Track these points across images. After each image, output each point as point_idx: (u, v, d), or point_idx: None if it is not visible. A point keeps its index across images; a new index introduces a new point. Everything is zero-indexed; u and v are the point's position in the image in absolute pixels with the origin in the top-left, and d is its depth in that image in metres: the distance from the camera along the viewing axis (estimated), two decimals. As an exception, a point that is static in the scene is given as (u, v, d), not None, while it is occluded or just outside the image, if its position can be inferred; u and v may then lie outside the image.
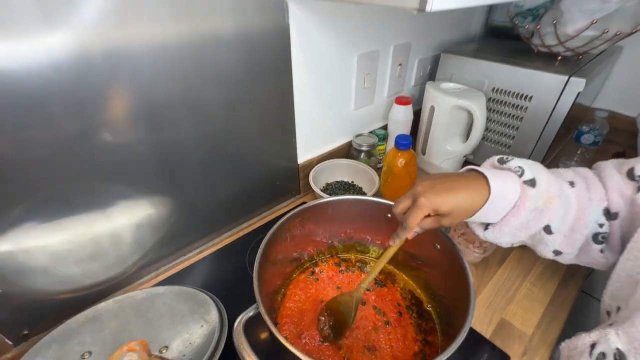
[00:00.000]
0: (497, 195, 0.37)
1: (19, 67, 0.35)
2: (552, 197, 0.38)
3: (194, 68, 0.48)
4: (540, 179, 0.38)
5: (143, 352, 0.28)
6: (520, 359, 0.47)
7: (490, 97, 0.78)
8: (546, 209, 0.38)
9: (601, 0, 0.62)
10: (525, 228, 0.39)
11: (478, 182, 0.38)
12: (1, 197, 0.39)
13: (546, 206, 0.38)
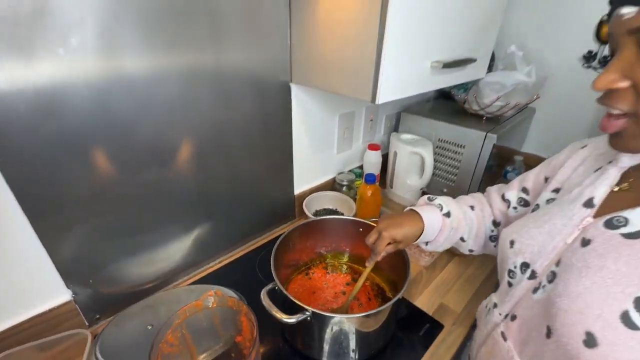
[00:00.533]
0: (429, 225, 0.60)
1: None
2: (460, 219, 0.62)
3: (226, 123, 0.71)
4: (452, 211, 0.62)
5: (217, 296, 0.47)
6: (451, 326, 0.69)
7: (437, 145, 1.05)
8: (459, 227, 0.62)
9: (501, 84, 0.92)
10: (449, 241, 0.63)
11: (417, 218, 0.60)
12: (118, 229, 0.61)
13: (458, 226, 0.62)
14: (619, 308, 0.34)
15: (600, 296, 0.36)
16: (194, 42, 0.59)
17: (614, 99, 0.36)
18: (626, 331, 0.33)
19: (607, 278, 0.36)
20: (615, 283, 0.35)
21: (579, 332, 0.36)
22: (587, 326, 0.35)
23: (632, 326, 0.32)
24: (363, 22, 0.57)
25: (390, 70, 0.60)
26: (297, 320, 0.52)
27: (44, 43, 0.45)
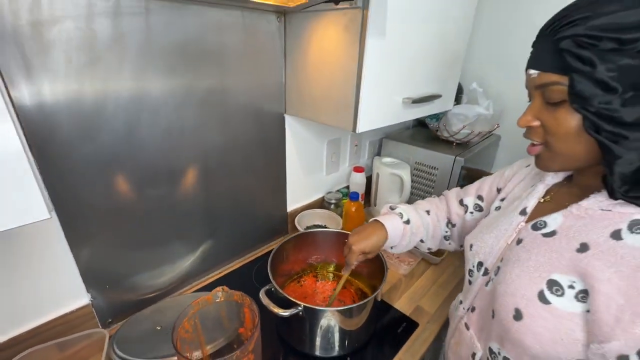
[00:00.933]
0: (392, 233, 0.69)
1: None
2: (419, 225, 0.72)
3: (229, 147, 0.83)
4: (411, 218, 0.72)
5: (225, 292, 0.56)
6: (425, 324, 0.78)
7: (414, 167, 1.19)
8: (417, 232, 0.72)
9: (465, 115, 1.08)
10: (411, 244, 0.73)
11: (380, 228, 0.70)
12: (134, 241, 0.70)
13: (417, 231, 0.72)
14: (537, 288, 0.45)
15: (525, 281, 0.46)
16: (205, 78, 0.72)
17: (531, 133, 0.48)
18: (541, 305, 0.44)
19: (531, 267, 0.47)
20: (536, 270, 0.46)
21: (510, 309, 0.47)
22: (515, 304, 0.46)
23: (545, 301, 0.43)
24: (344, 66, 0.71)
25: (367, 105, 0.73)
26: (290, 313, 0.61)
27: (93, 72, 0.57)
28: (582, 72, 0.37)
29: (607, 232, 0.41)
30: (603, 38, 0.36)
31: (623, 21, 0.35)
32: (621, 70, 0.35)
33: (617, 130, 0.37)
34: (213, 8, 0.68)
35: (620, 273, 0.38)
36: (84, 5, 0.52)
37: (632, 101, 0.36)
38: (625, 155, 0.38)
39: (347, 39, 0.69)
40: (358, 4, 0.65)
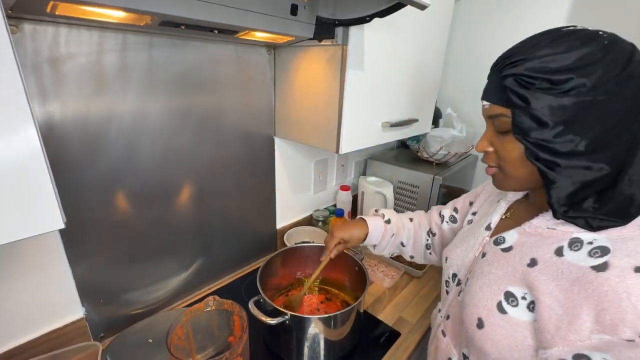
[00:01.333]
0: (372, 229, 0.75)
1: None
2: (400, 227, 0.78)
3: (222, 167, 0.89)
4: (392, 219, 0.78)
5: (216, 301, 0.60)
6: (407, 334, 0.82)
7: (397, 186, 1.26)
8: (398, 234, 0.78)
9: (442, 137, 1.17)
10: (392, 245, 0.78)
11: (362, 223, 0.77)
12: (129, 257, 0.74)
13: (398, 232, 0.78)
14: (496, 299, 0.49)
15: (487, 292, 0.51)
16: (201, 105, 0.79)
17: (486, 157, 0.52)
18: (499, 315, 0.48)
19: (492, 279, 0.51)
20: (495, 282, 0.50)
21: (474, 318, 0.51)
22: (478, 314, 0.51)
23: (503, 311, 0.48)
24: (327, 95, 0.79)
25: (349, 129, 0.81)
26: (277, 322, 0.65)
27: (99, 100, 0.63)
28: (520, 107, 0.42)
29: (552, 249, 0.45)
30: (538, 78, 0.40)
31: (553, 65, 0.39)
32: (551, 108, 0.40)
33: (552, 159, 0.41)
34: (209, 43, 0.76)
35: (560, 286, 0.42)
36: (96, 43, 0.59)
37: (562, 134, 0.40)
38: (560, 181, 0.42)
39: (330, 71, 0.77)
40: (338, 42, 0.74)
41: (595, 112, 0.39)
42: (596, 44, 0.39)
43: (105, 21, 0.54)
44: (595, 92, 0.38)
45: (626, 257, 0.38)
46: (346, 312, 0.69)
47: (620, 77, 0.38)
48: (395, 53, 0.87)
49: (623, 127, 0.40)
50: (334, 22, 0.70)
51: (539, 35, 0.43)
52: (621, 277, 0.37)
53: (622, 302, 0.35)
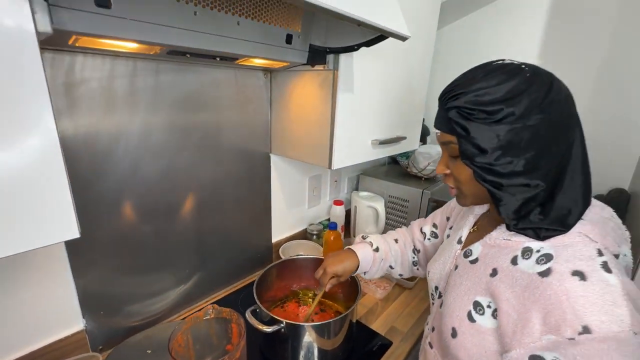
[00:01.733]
0: (362, 260, 0.78)
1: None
2: (387, 252, 0.81)
3: (221, 183, 0.93)
4: (380, 246, 0.81)
5: (215, 309, 0.62)
6: (399, 342, 0.85)
7: (388, 200, 1.31)
8: (386, 259, 0.81)
9: (429, 153, 1.23)
10: (381, 270, 0.81)
11: (352, 255, 0.79)
12: (130, 270, 0.77)
13: (386, 257, 0.81)
14: (466, 309, 0.53)
15: (458, 303, 0.55)
16: (202, 124, 0.84)
17: (445, 179, 0.57)
18: (469, 324, 0.51)
19: (463, 290, 0.55)
20: (466, 293, 0.54)
21: (449, 328, 0.55)
22: (452, 323, 0.54)
23: (472, 320, 0.51)
24: (320, 115, 0.85)
25: (340, 146, 0.87)
26: (273, 329, 0.68)
27: (109, 121, 0.68)
28: (463, 136, 0.47)
29: (509, 259, 0.49)
30: (475, 110, 0.45)
31: (486, 98, 0.44)
32: (488, 136, 0.44)
33: (496, 180, 0.46)
34: (211, 68, 0.82)
35: (515, 293, 0.45)
36: (108, 69, 0.65)
37: (501, 158, 0.45)
38: (505, 199, 0.46)
39: (322, 94, 0.83)
40: (330, 67, 0.80)
41: (525, 136, 0.44)
42: (520, 77, 0.44)
43: (118, 51, 0.60)
44: (523, 119, 0.44)
45: (565, 262, 0.42)
46: (339, 320, 0.72)
47: (543, 105, 0.44)
48: (382, 76, 0.94)
49: (551, 146, 0.45)
50: (325, 50, 0.77)
51: (475, 69, 0.49)
52: (561, 281, 0.41)
53: (562, 304, 0.39)
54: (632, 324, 0.36)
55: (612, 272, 0.40)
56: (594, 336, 0.36)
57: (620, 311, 0.37)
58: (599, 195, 1.18)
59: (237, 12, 0.61)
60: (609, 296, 0.38)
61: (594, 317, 0.37)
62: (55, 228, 0.42)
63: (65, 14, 0.42)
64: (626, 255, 0.48)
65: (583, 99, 1.24)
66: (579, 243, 0.43)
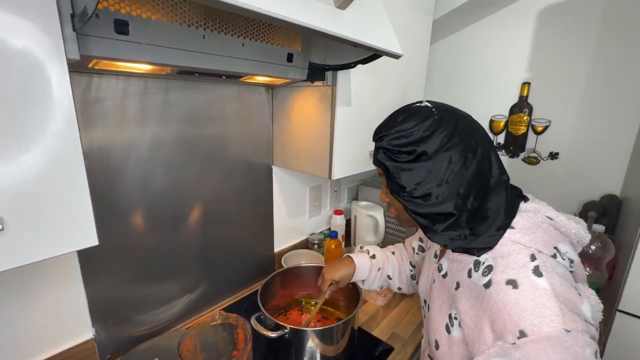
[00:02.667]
0: (359, 266, 0.81)
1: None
2: (384, 261, 0.84)
3: (225, 194, 0.97)
4: (376, 254, 0.84)
5: (221, 315, 0.65)
6: (400, 348, 0.87)
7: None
8: (384, 268, 0.83)
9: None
10: (380, 279, 0.83)
11: (350, 261, 0.82)
12: (138, 280, 0.80)
13: (383, 266, 0.83)
14: (444, 322, 0.56)
15: (438, 316, 0.58)
16: (208, 138, 0.89)
17: (388, 207, 0.61)
18: (447, 336, 0.54)
19: (439, 304, 0.58)
20: (442, 307, 0.57)
21: (432, 340, 0.58)
22: (435, 336, 0.58)
23: (449, 332, 0.54)
24: (319, 128, 0.90)
25: (340, 157, 0.91)
26: (277, 335, 0.70)
27: (121, 135, 0.72)
28: (387, 174, 0.53)
29: (466, 272, 0.51)
30: (395, 151, 0.51)
31: (403, 141, 0.50)
32: (403, 175, 0.50)
33: (418, 210, 0.50)
34: (216, 85, 0.87)
35: (470, 304, 0.49)
36: (122, 89, 0.69)
37: (417, 192, 0.50)
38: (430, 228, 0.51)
39: (321, 108, 0.88)
40: (329, 83, 0.85)
41: (439, 171, 0.49)
42: (430, 119, 0.50)
43: (132, 72, 0.64)
44: (435, 156, 0.49)
45: (501, 273, 0.46)
46: (341, 325, 0.74)
47: (451, 142, 0.49)
48: (379, 90, 0.99)
49: (464, 176, 0.49)
50: (324, 67, 0.82)
51: (398, 112, 0.55)
52: (498, 291, 0.44)
53: (501, 312, 0.43)
54: (563, 322, 0.39)
55: (542, 276, 0.43)
56: (530, 338, 0.40)
57: (550, 312, 0.40)
58: (591, 202, 1.22)
59: (242, 34, 0.66)
60: (540, 299, 0.41)
61: (527, 321, 0.41)
62: (76, 236, 0.46)
63: (89, 41, 0.47)
64: (567, 252, 0.50)
65: (572, 108, 1.30)
66: (514, 252, 0.47)
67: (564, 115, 1.31)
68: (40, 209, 0.41)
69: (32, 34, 0.37)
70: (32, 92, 0.38)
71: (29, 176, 0.39)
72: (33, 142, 0.39)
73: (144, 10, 0.52)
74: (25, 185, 0.39)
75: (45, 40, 0.37)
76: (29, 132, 0.38)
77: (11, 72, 0.36)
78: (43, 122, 0.39)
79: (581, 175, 1.29)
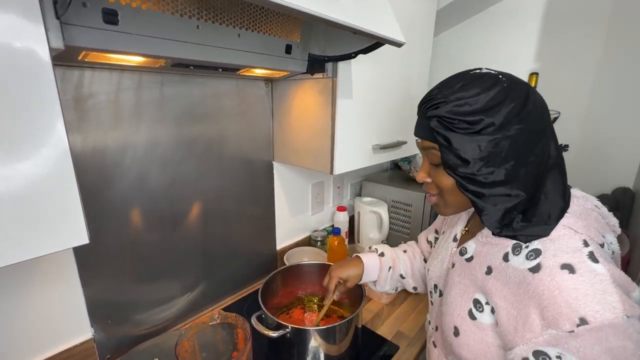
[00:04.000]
0: (367, 265, 0.78)
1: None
2: (395, 259, 0.81)
3: (225, 192, 0.95)
4: (385, 252, 0.81)
5: (220, 314, 0.63)
6: (406, 347, 0.84)
7: (391, 205, 1.31)
8: (395, 266, 0.81)
9: (430, 157, 1.24)
10: (392, 279, 0.80)
11: (358, 261, 0.79)
12: (137, 280, 0.78)
13: (394, 265, 0.81)
14: (467, 307, 0.53)
15: (459, 301, 0.55)
16: (206, 134, 0.87)
17: (427, 187, 0.56)
18: (471, 322, 0.52)
19: (461, 289, 0.55)
20: (465, 292, 0.54)
21: (450, 327, 0.55)
22: (454, 322, 0.54)
23: (473, 318, 0.51)
24: (320, 121, 0.87)
25: (341, 152, 0.88)
26: (279, 334, 0.68)
27: (115, 132, 0.70)
28: (445, 146, 0.47)
29: (501, 256, 0.49)
30: (456, 120, 0.45)
31: (466, 109, 0.44)
32: (469, 147, 0.45)
33: (478, 190, 0.46)
34: (213, 79, 0.85)
35: (510, 290, 0.46)
36: (115, 83, 0.67)
37: (482, 168, 0.45)
38: (487, 209, 0.47)
39: (322, 101, 0.85)
40: (329, 75, 0.83)
41: (505, 147, 0.44)
42: (498, 87, 0.45)
43: (125, 65, 0.62)
44: (503, 130, 0.44)
45: (553, 257, 0.43)
46: (344, 324, 0.72)
47: (521, 115, 0.44)
48: (381, 82, 0.96)
49: (530, 155, 0.45)
50: (324, 59, 0.80)
51: (453, 78, 0.49)
52: (551, 277, 0.41)
53: (556, 298, 0.40)
54: (624, 309, 0.37)
55: (599, 262, 0.41)
56: (591, 326, 0.37)
57: (611, 298, 0.38)
58: (603, 195, 1.18)
59: (238, 24, 0.63)
60: (599, 285, 0.39)
61: (588, 307, 0.38)
62: (65, 234, 0.44)
63: (75, 31, 0.45)
64: (612, 243, 0.48)
65: (582, 99, 1.25)
66: (565, 236, 0.44)
67: (574, 107, 1.27)
68: (27, 208, 0.39)
69: (10, 21, 0.35)
70: (11, 86, 0.36)
71: (14, 175, 0.37)
72: (16, 138, 0.37)
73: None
74: (11, 184, 0.37)
75: (25, 26, 0.35)
76: (10, 129, 0.36)
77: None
78: (25, 118, 0.37)
79: (592, 168, 1.25)
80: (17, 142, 0.37)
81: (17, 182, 0.37)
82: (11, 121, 0.36)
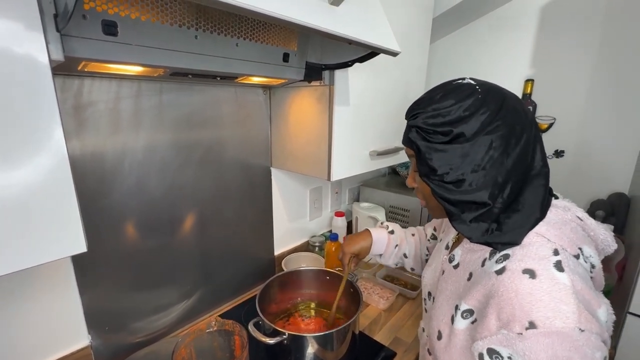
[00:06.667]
0: (376, 239, 0.81)
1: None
2: (402, 239, 0.83)
3: (223, 197, 0.96)
4: (395, 230, 0.84)
5: (218, 321, 0.63)
6: (403, 353, 0.85)
7: (389, 210, 1.32)
8: (401, 245, 0.83)
9: (427, 163, 1.25)
10: (396, 256, 0.83)
11: (367, 234, 0.82)
12: (134, 286, 0.79)
13: (401, 244, 0.83)
14: (449, 313, 0.54)
15: (445, 307, 0.56)
16: (205, 140, 0.87)
17: (415, 192, 0.59)
18: (451, 327, 0.52)
19: (447, 295, 0.56)
20: (449, 298, 0.55)
21: (435, 331, 0.56)
22: (438, 327, 0.56)
23: (453, 322, 0.52)
24: (318, 128, 0.88)
25: (339, 158, 0.89)
26: (276, 341, 0.68)
27: (114, 139, 0.70)
28: (418, 155, 0.50)
29: (479, 262, 0.51)
30: (429, 131, 0.47)
31: (439, 120, 0.46)
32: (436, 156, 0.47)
33: (447, 196, 0.47)
34: (212, 87, 0.86)
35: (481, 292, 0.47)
36: (115, 91, 0.68)
37: (450, 176, 0.46)
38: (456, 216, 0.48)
39: (319, 108, 0.86)
40: (326, 82, 0.84)
41: (473, 157, 0.45)
42: (473, 98, 0.46)
43: (124, 74, 0.63)
44: (472, 140, 0.45)
45: (518, 261, 0.44)
46: (341, 330, 0.72)
47: (492, 126, 0.45)
48: (377, 89, 0.98)
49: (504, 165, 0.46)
50: (321, 67, 0.81)
51: (436, 89, 0.51)
52: (511, 279, 0.42)
53: (512, 300, 0.41)
54: (578, 320, 0.38)
55: (564, 271, 0.41)
56: (539, 331, 0.38)
57: (566, 308, 0.38)
58: (599, 200, 1.19)
59: (236, 34, 0.65)
60: (557, 294, 0.39)
61: (540, 313, 0.39)
62: (64, 243, 0.44)
63: (75, 42, 0.46)
64: (591, 256, 0.48)
65: (578, 105, 1.27)
66: (536, 243, 0.45)
67: (569, 113, 1.29)
68: (26, 216, 0.40)
69: (12, 33, 0.35)
70: (12, 96, 0.36)
71: (13, 183, 0.38)
72: (16, 148, 0.37)
73: (133, 11, 0.51)
74: (10, 192, 0.38)
75: (26, 39, 0.36)
76: (10, 138, 0.37)
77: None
78: (25, 127, 0.37)
79: (588, 173, 1.26)
80: (16, 150, 0.37)
81: (15, 190, 0.38)
82: (12, 129, 0.37)
